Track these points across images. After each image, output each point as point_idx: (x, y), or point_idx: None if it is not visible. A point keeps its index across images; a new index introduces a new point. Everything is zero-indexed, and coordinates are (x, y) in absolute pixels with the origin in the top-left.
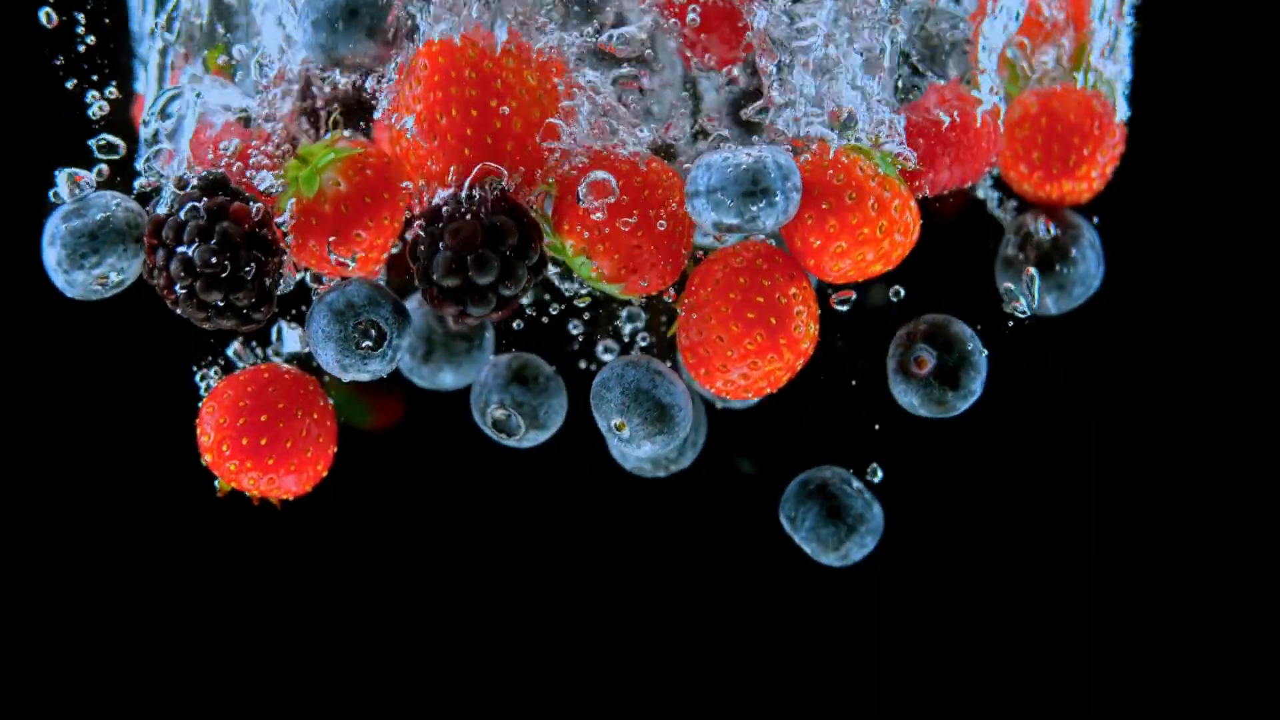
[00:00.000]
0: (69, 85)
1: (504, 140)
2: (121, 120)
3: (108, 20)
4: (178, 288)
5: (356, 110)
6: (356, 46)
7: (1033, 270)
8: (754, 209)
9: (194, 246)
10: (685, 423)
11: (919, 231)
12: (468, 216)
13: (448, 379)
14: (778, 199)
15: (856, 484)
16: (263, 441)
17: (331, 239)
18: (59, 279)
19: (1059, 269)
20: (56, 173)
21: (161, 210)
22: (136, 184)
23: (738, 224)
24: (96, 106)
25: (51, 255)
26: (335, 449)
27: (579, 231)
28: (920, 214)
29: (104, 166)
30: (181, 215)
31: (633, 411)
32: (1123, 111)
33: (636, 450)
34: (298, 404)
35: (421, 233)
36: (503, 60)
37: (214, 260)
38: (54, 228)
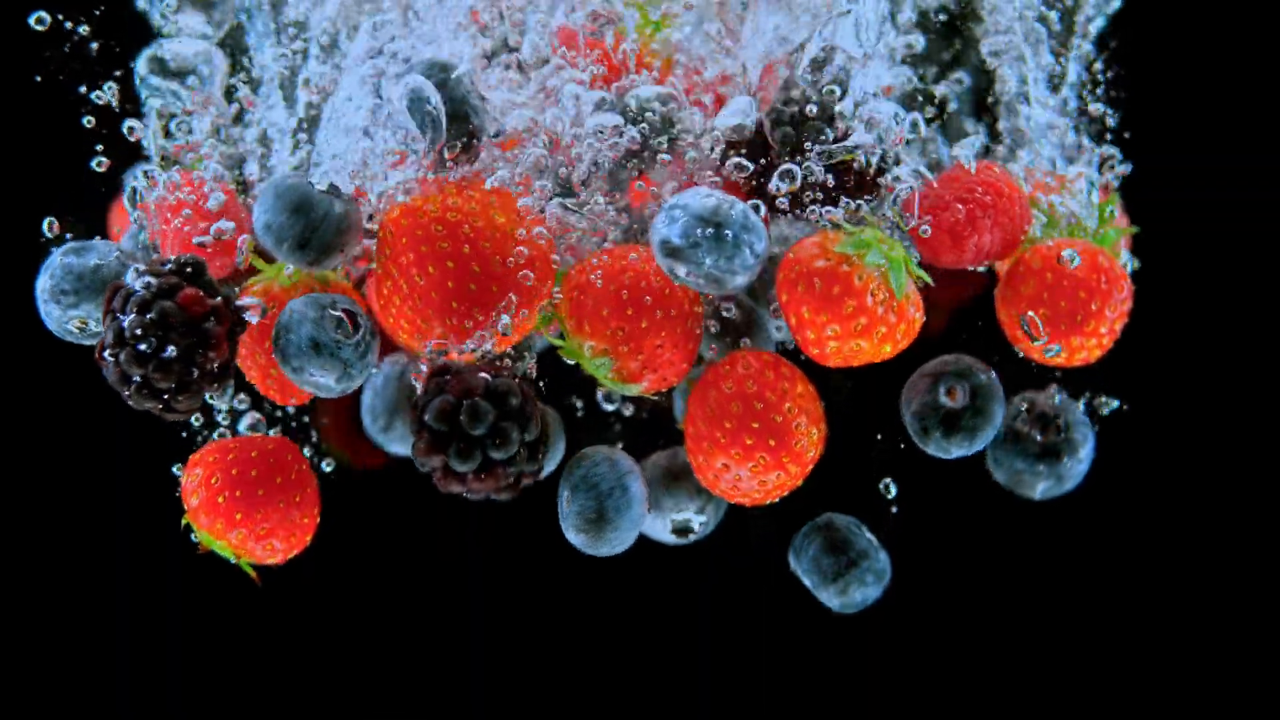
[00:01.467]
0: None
1: (488, 282)
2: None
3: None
4: (106, 354)
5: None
6: (294, 262)
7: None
8: (699, 234)
9: (130, 318)
10: (616, 543)
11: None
12: (477, 374)
13: (397, 449)
14: (727, 238)
15: (868, 532)
16: (253, 473)
17: (250, 298)
18: (41, 308)
19: (1065, 461)
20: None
21: (127, 278)
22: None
23: (681, 246)
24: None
25: (40, 283)
26: (319, 517)
27: (603, 331)
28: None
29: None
30: (136, 286)
31: (577, 498)
32: (1130, 265)
33: (565, 530)
34: (287, 450)
35: (426, 382)
36: (464, 205)
37: (139, 333)
38: (52, 258)
